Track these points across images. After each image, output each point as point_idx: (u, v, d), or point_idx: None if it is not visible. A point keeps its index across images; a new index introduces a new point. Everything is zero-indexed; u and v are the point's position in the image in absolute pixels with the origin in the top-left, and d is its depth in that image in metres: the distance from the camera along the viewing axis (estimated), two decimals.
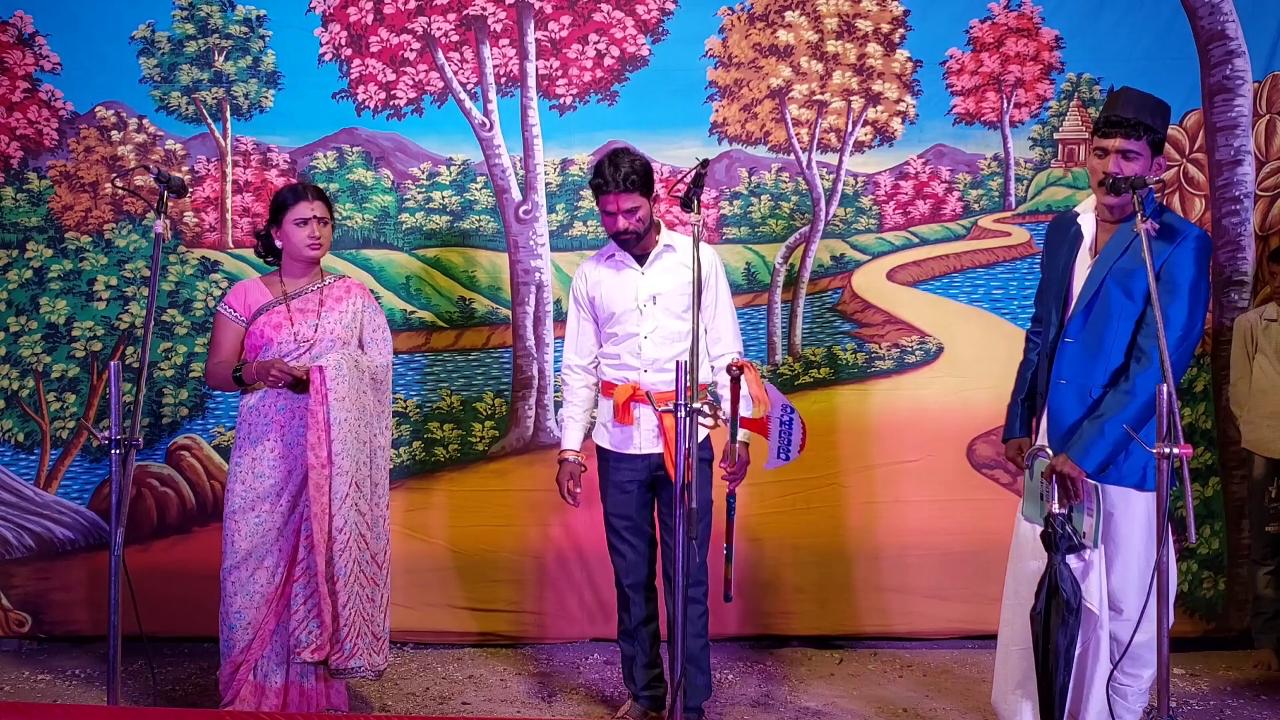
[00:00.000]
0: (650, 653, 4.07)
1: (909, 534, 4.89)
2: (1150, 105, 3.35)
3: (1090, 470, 3.22)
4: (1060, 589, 3.25)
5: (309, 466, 3.69)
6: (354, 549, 3.73)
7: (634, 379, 3.89)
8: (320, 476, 3.68)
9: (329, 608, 3.72)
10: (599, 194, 3.83)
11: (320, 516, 3.68)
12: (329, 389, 3.69)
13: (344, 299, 3.95)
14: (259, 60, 4.87)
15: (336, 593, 3.72)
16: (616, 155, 3.81)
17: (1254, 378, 4.67)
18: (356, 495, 3.74)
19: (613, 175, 3.75)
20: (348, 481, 3.71)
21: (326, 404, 3.68)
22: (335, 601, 3.72)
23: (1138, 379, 3.24)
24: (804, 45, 4.91)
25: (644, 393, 3.80)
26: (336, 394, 3.69)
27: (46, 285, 4.87)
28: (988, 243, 4.96)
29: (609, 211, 3.83)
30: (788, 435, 3.59)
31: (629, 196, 3.77)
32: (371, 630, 3.81)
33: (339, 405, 3.69)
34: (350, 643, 3.74)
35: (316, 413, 3.68)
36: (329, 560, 3.71)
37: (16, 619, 4.86)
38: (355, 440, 3.74)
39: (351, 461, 3.72)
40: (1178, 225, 3.34)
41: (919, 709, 4.30)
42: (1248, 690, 4.47)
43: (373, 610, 3.82)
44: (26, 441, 4.89)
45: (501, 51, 4.89)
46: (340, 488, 3.70)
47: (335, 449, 3.69)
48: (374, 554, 3.82)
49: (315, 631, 3.77)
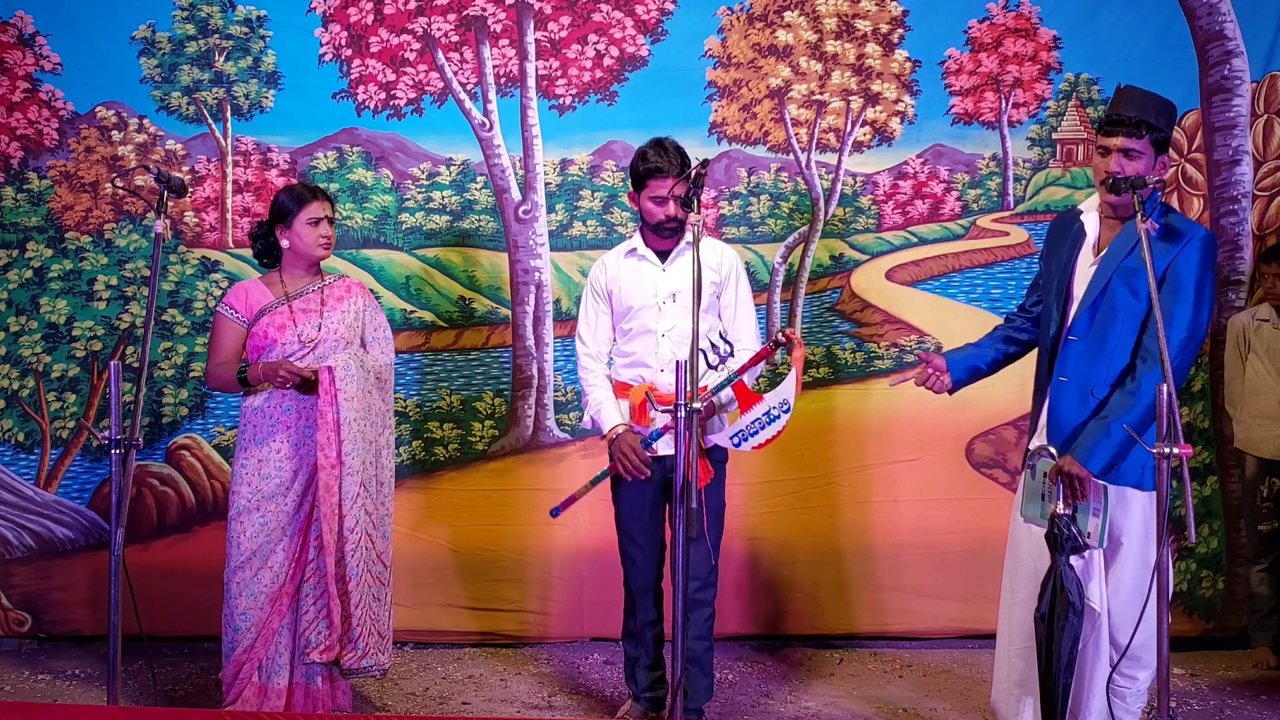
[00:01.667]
0: (654, 655, 4.06)
1: (908, 533, 4.90)
2: (1154, 104, 3.34)
3: (1096, 471, 3.22)
4: (1065, 589, 3.24)
5: (319, 467, 3.69)
6: (364, 549, 3.74)
7: (649, 378, 3.84)
8: (330, 477, 3.68)
9: (339, 608, 3.72)
10: (650, 178, 3.72)
11: (330, 517, 3.68)
12: (339, 389, 3.69)
13: (345, 298, 3.95)
14: (259, 60, 4.88)
15: (349, 593, 3.72)
16: (662, 141, 3.75)
17: (1246, 378, 4.69)
18: (365, 495, 3.75)
19: (668, 160, 3.67)
20: (357, 482, 3.71)
21: (336, 404, 3.68)
22: (347, 602, 3.73)
23: (1144, 379, 3.22)
24: (803, 45, 4.92)
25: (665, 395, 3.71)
26: (345, 394, 3.69)
27: (47, 285, 4.88)
28: (986, 242, 4.96)
29: (659, 197, 3.73)
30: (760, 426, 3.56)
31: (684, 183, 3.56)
32: (378, 629, 3.83)
33: (348, 405, 3.69)
34: (363, 642, 3.76)
35: (326, 413, 3.68)
36: (340, 560, 3.71)
37: (16, 619, 4.87)
38: (363, 440, 3.74)
39: (360, 461, 3.72)
40: (1183, 226, 3.33)
41: (919, 709, 4.30)
42: (1247, 690, 4.48)
43: (379, 610, 3.84)
44: (26, 441, 4.89)
45: (501, 52, 4.89)
46: (350, 488, 3.70)
47: (345, 449, 3.69)
48: (380, 554, 3.84)
49: (324, 632, 3.77)
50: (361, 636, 3.76)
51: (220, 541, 3.90)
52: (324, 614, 3.77)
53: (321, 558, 3.74)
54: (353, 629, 3.75)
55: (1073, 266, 3.45)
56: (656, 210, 3.77)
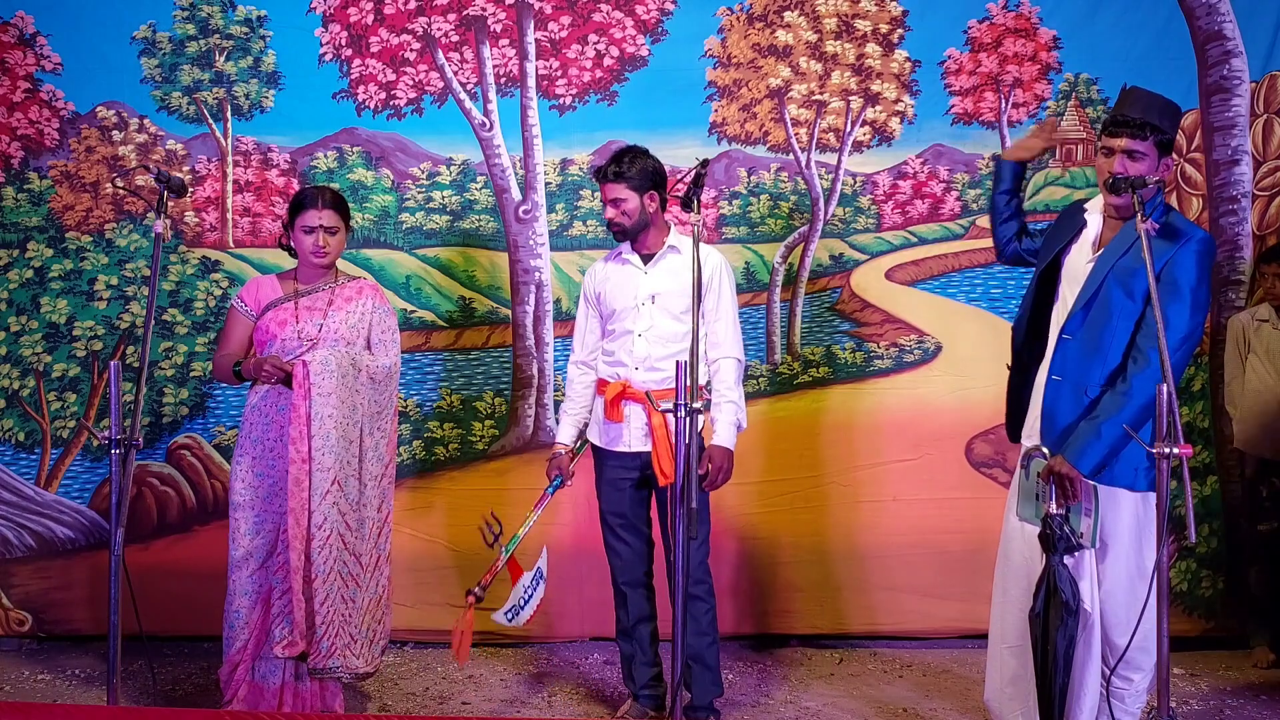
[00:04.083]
0: (649, 651, 4.07)
1: (908, 533, 4.89)
2: (1159, 105, 3.35)
3: (1086, 471, 3.22)
4: (1059, 590, 3.25)
5: (289, 461, 3.68)
6: (334, 547, 3.70)
7: (625, 376, 3.92)
8: (300, 471, 3.67)
9: (301, 605, 3.69)
10: (598, 183, 3.97)
11: (298, 512, 3.66)
12: (311, 383, 3.68)
13: (354, 299, 3.95)
14: (260, 60, 4.88)
15: (315, 591, 3.69)
16: (621, 150, 3.94)
17: (1246, 378, 4.70)
18: (338, 493, 3.72)
19: (606, 166, 3.91)
20: (329, 478, 3.68)
21: (309, 399, 3.67)
22: (313, 599, 3.70)
23: (1134, 380, 3.22)
24: (803, 45, 4.92)
25: (640, 391, 3.83)
26: (320, 389, 3.68)
27: (47, 285, 4.88)
28: (986, 242, 4.93)
29: (602, 201, 3.95)
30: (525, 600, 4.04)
31: (614, 187, 3.87)
32: (348, 630, 3.76)
33: (322, 400, 3.68)
34: (328, 641, 3.71)
35: (299, 407, 3.68)
36: (307, 557, 3.68)
37: (17, 618, 4.87)
38: (341, 438, 3.71)
39: (334, 458, 3.69)
40: (1182, 226, 3.33)
41: (918, 709, 4.30)
42: (1247, 690, 4.48)
43: (350, 611, 3.76)
44: (27, 441, 4.90)
45: (501, 51, 4.90)
46: (320, 484, 3.68)
47: (315, 444, 3.67)
48: (357, 554, 3.78)
49: (285, 628, 3.76)
50: (326, 635, 3.71)
51: (220, 541, 3.90)
52: (287, 609, 3.75)
53: (287, 553, 3.71)
54: (317, 627, 3.71)
55: (1063, 257, 3.46)
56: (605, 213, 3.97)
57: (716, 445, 3.80)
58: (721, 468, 3.79)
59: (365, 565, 3.83)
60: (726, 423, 3.83)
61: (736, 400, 3.87)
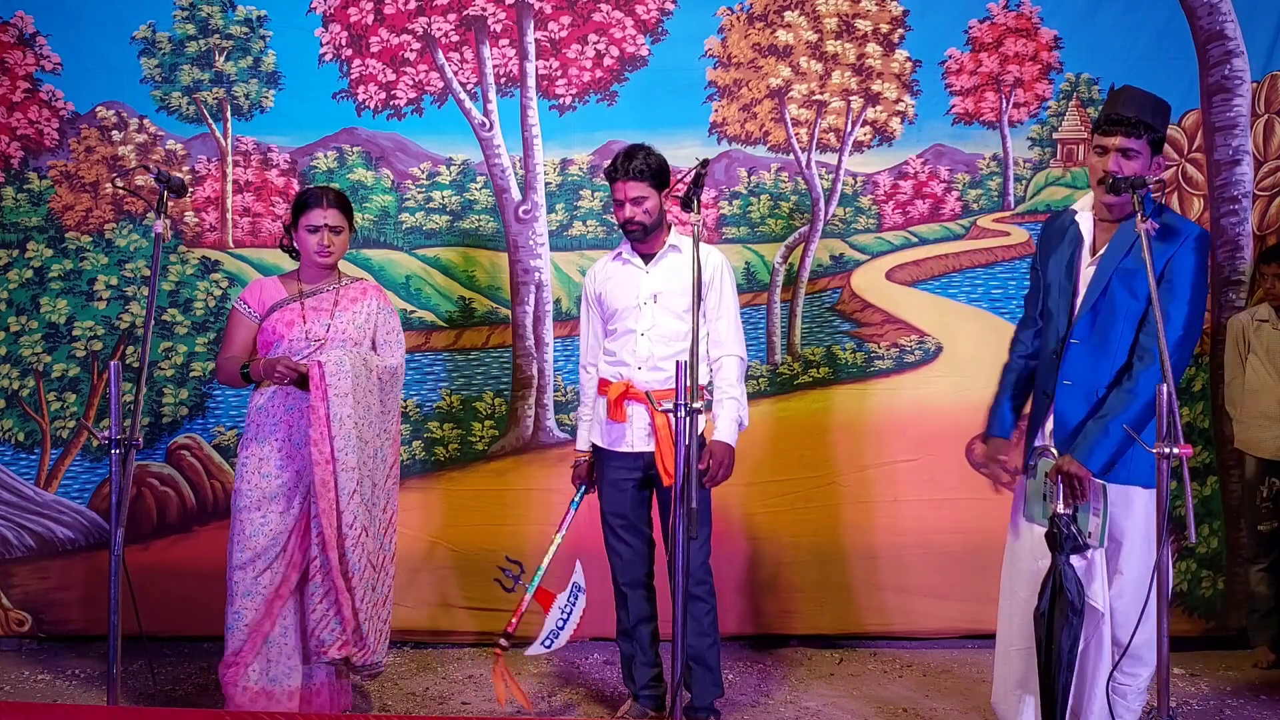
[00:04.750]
0: (649, 652, 4.07)
1: (908, 533, 4.90)
2: (1151, 104, 3.35)
3: (1095, 470, 3.22)
4: (1065, 589, 3.24)
5: (314, 463, 3.68)
6: (364, 545, 3.73)
7: (627, 376, 3.91)
8: (325, 472, 3.67)
9: (349, 602, 3.71)
10: (611, 181, 3.92)
11: (329, 512, 3.67)
12: (328, 384, 3.68)
13: (359, 300, 3.95)
14: (259, 60, 4.88)
15: (353, 588, 3.72)
16: (633, 148, 3.91)
17: (1246, 378, 4.70)
18: (366, 491, 3.74)
19: (624, 164, 3.85)
20: (355, 477, 3.70)
21: (327, 399, 3.67)
22: (354, 597, 3.72)
23: (1140, 377, 3.23)
24: (803, 45, 4.92)
25: (641, 391, 3.83)
26: (337, 389, 3.69)
27: (47, 285, 4.88)
28: (986, 242, 4.96)
29: (618, 200, 3.90)
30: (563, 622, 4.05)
31: (637, 185, 3.84)
32: (376, 626, 3.83)
33: (339, 401, 3.68)
34: (371, 638, 3.76)
35: (317, 408, 3.67)
36: (343, 556, 3.70)
37: (16, 619, 4.87)
38: (358, 437, 3.73)
39: (356, 458, 3.71)
40: (1178, 224, 3.34)
41: (919, 709, 4.30)
42: (1247, 690, 4.48)
43: (377, 606, 3.84)
44: (27, 441, 4.89)
45: (501, 51, 4.89)
46: (347, 484, 3.69)
47: (337, 444, 3.68)
48: (370, 554, 3.81)
49: (337, 629, 3.74)
50: (370, 633, 3.76)
51: (220, 541, 3.90)
52: (334, 610, 3.73)
53: (325, 554, 3.71)
54: (360, 625, 3.74)
55: (1077, 269, 3.45)
56: (618, 213, 3.93)
57: (718, 441, 3.81)
58: (722, 463, 3.78)
59: (377, 566, 3.85)
60: (728, 419, 3.84)
61: (738, 397, 3.88)
